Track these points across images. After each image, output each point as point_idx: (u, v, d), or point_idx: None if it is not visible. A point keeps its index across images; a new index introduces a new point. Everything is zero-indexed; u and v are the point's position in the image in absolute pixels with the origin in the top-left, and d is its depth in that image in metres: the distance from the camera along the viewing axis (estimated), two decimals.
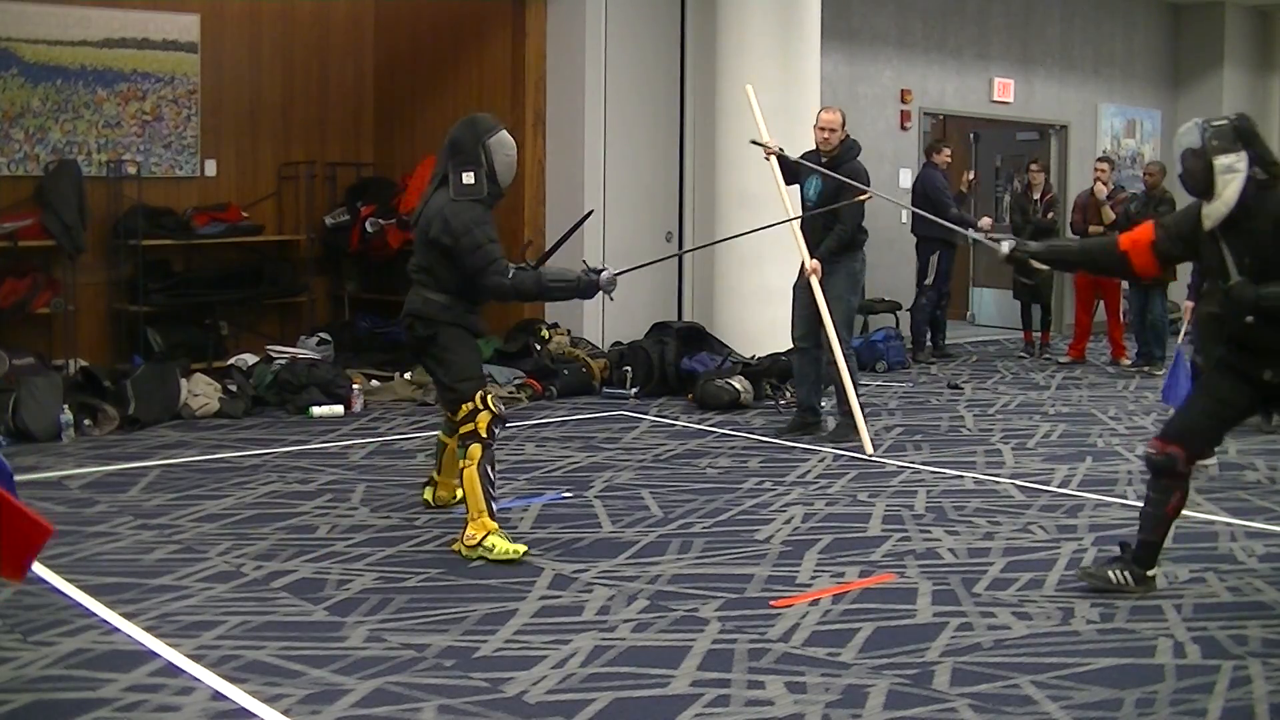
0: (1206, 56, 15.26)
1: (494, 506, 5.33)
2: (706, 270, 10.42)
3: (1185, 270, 8.92)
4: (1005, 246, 5.14)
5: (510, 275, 5.39)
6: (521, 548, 5.24)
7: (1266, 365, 4.65)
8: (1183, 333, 7.61)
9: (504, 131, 5.63)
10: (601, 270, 5.62)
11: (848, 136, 8.05)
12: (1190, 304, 7.22)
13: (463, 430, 5.40)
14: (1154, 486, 4.82)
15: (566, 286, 5.62)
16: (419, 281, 5.51)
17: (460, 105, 10.95)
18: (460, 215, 5.35)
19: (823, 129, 7.99)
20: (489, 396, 5.43)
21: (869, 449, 7.46)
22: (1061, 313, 14.14)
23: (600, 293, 5.63)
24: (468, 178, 5.43)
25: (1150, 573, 4.84)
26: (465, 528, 5.29)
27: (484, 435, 5.34)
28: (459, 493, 5.72)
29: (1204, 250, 4.76)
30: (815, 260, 7.77)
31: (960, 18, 13.23)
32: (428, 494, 6.10)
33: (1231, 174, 4.53)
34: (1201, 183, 4.62)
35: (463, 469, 5.37)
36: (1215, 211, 4.62)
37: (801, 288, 7.92)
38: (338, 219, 10.80)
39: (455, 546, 5.33)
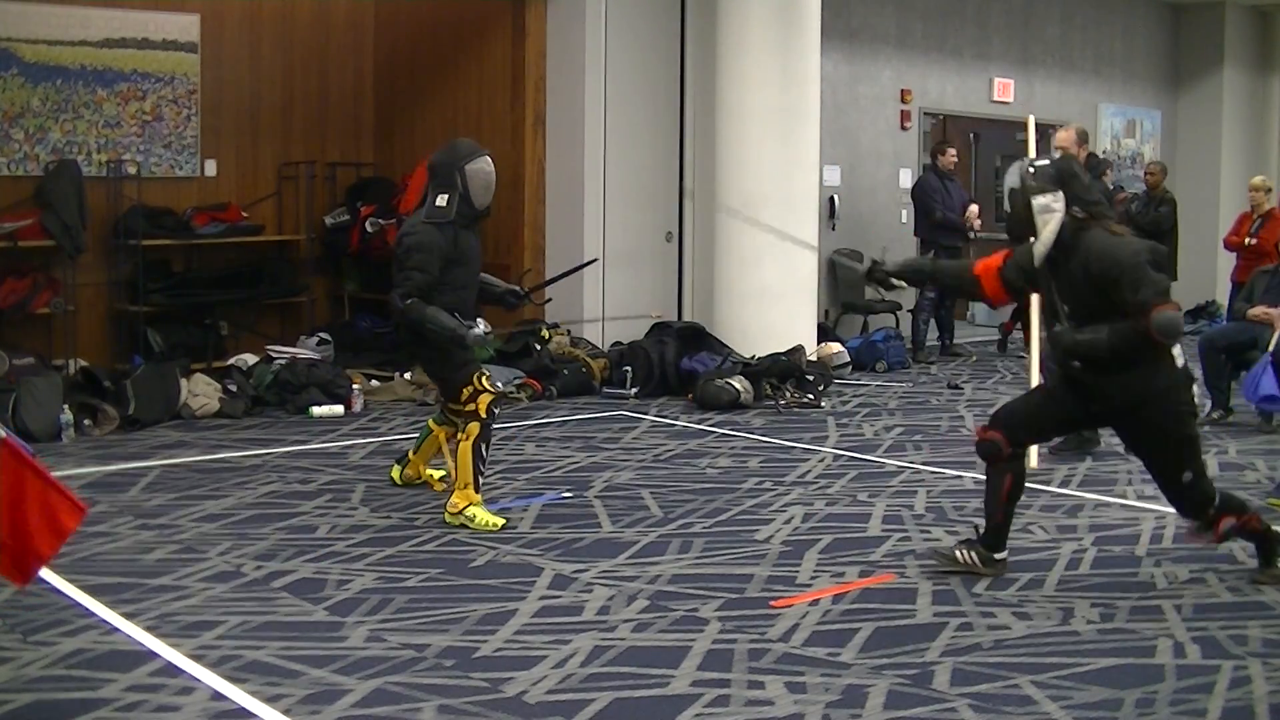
0: (1206, 56, 15.26)
1: (481, 481, 5.73)
2: (706, 270, 10.42)
3: (1201, 268, 8.92)
4: (863, 265, 5.51)
5: (407, 302, 5.65)
6: (501, 520, 5.67)
7: (1094, 400, 4.87)
8: (1275, 339, 7.71)
9: (484, 158, 5.88)
10: (472, 327, 5.74)
11: (1090, 154, 7.86)
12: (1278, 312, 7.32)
13: (465, 409, 5.77)
14: (987, 471, 5.04)
15: (441, 331, 5.67)
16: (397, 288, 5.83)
17: (460, 105, 10.97)
18: (415, 235, 5.73)
19: (1055, 149, 8.02)
20: (485, 378, 5.81)
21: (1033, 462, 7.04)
22: None
23: (470, 345, 5.79)
24: (440, 200, 5.77)
25: (998, 555, 5.03)
26: (451, 495, 5.74)
27: (483, 415, 5.72)
28: (425, 473, 6.31)
29: (1041, 286, 4.96)
30: None
31: (960, 18, 13.23)
32: (395, 472, 6.44)
33: (1049, 214, 4.67)
34: (1023, 222, 4.77)
35: (458, 442, 5.76)
36: (1037, 251, 4.78)
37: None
38: (338, 219, 10.79)
39: (443, 515, 5.76)
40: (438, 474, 6.41)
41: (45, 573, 4.80)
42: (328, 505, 6.12)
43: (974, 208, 11.89)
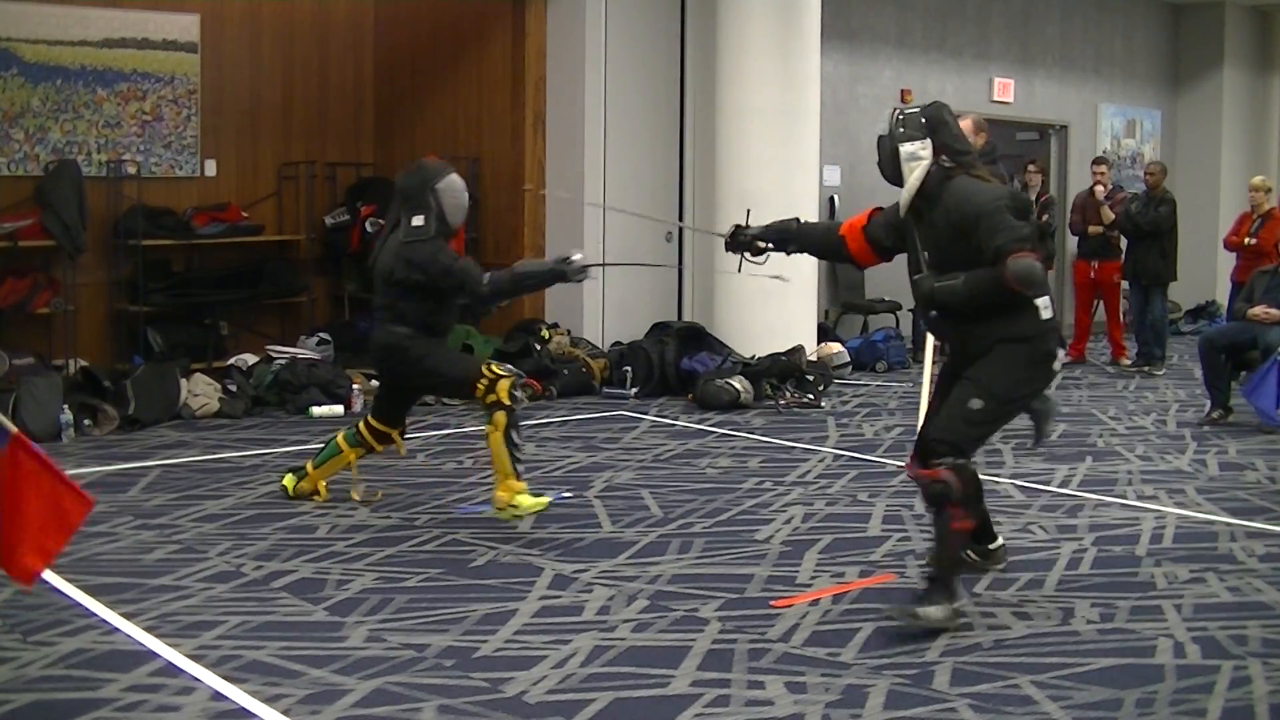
0: (1206, 56, 15.26)
1: (519, 468, 5.63)
2: (707, 270, 10.42)
3: (1201, 267, 8.90)
4: (727, 230, 5.32)
5: (486, 281, 5.65)
6: (545, 500, 5.67)
7: (965, 363, 4.62)
8: None
9: (453, 175, 5.86)
10: (570, 258, 5.72)
11: (988, 142, 7.88)
12: None
13: (487, 400, 5.65)
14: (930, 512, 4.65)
15: (539, 273, 5.82)
16: (382, 320, 5.81)
17: (460, 105, 10.98)
18: (419, 251, 5.66)
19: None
20: (494, 364, 5.74)
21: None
22: (1062, 313, 14.15)
23: (572, 279, 5.74)
24: (417, 220, 5.71)
25: (992, 545, 4.99)
26: (495, 490, 5.65)
27: (507, 401, 5.61)
28: (321, 486, 6.16)
29: (906, 239, 4.74)
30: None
31: (960, 18, 13.22)
32: (288, 481, 6.23)
33: (915, 161, 4.53)
34: (890, 169, 4.64)
35: (488, 434, 5.66)
36: (902, 200, 4.65)
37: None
38: (338, 219, 10.79)
39: (490, 513, 5.75)
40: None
41: (46, 573, 4.80)
42: (328, 505, 6.11)
43: None
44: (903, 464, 7.20)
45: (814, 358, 9.99)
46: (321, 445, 6.41)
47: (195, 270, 10.22)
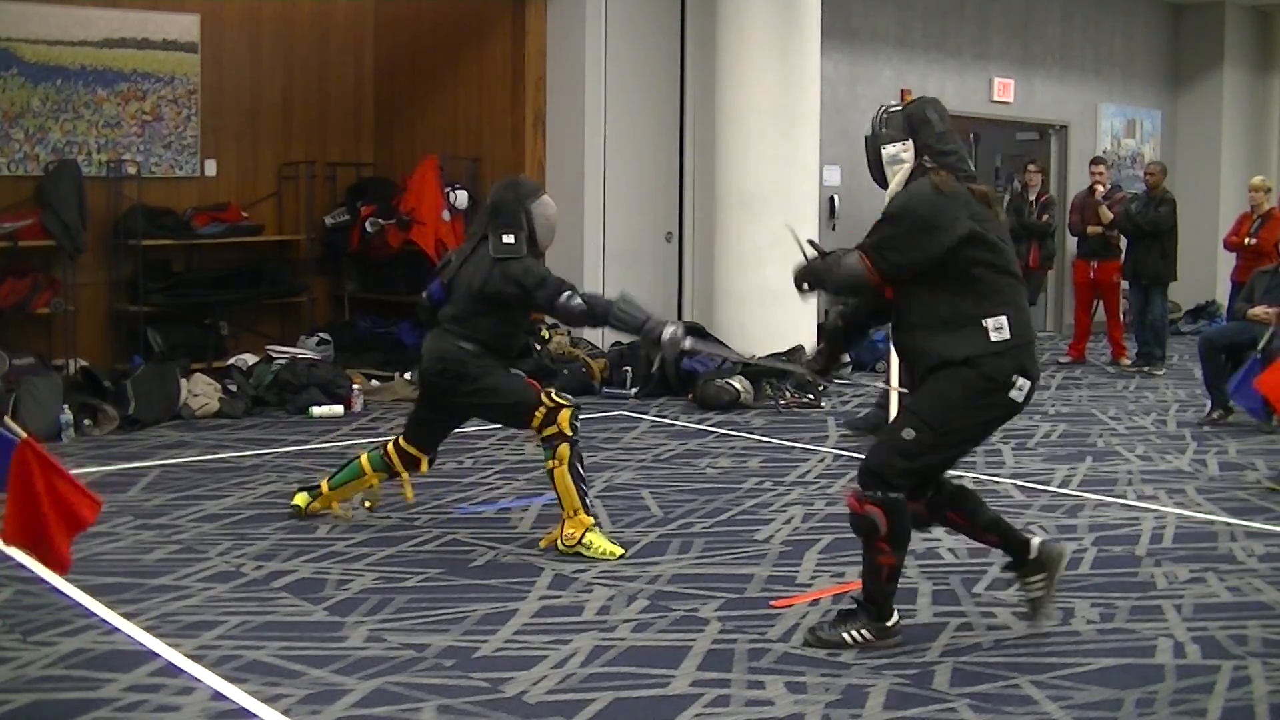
0: (1206, 56, 15.26)
1: (589, 503, 5.38)
2: (706, 270, 10.42)
3: (1201, 267, 8.87)
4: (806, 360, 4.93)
5: (584, 296, 5.38)
6: (619, 550, 5.30)
7: (915, 385, 4.31)
8: (1267, 337, 7.68)
9: (546, 196, 5.60)
10: (669, 325, 5.29)
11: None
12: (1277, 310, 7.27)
13: (546, 433, 5.37)
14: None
15: (631, 321, 5.35)
16: (449, 330, 5.46)
17: (460, 105, 10.97)
18: (515, 266, 5.36)
19: None
20: (554, 393, 5.44)
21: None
22: (1061, 313, 14.16)
23: (657, 347, 5.31)
24: (508, 239, 5.42)
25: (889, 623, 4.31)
26: (562, 526, 5.33)
27: (569, 432, 5.33)
28: (336, 507, 5.85)
29: None
30: None
31: (960, 18, 13.23)
32: (300, 499, 5.91)
33: (898, 164, 4.28)
34: (875, 172, 4.39)
35: (552, 470, 5.35)
36: (886, 205, 4.36)
37: None
38: (338, 219, 10.79)
39: (545, 543, 5.38)
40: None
41: (46, 573, 4.81)
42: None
43: None
44: None
45: None
46: (327, 450, 6.39)
47: (195, 270, 10.22)
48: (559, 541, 5.33)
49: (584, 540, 5.28)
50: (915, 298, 4.22)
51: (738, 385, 9.05)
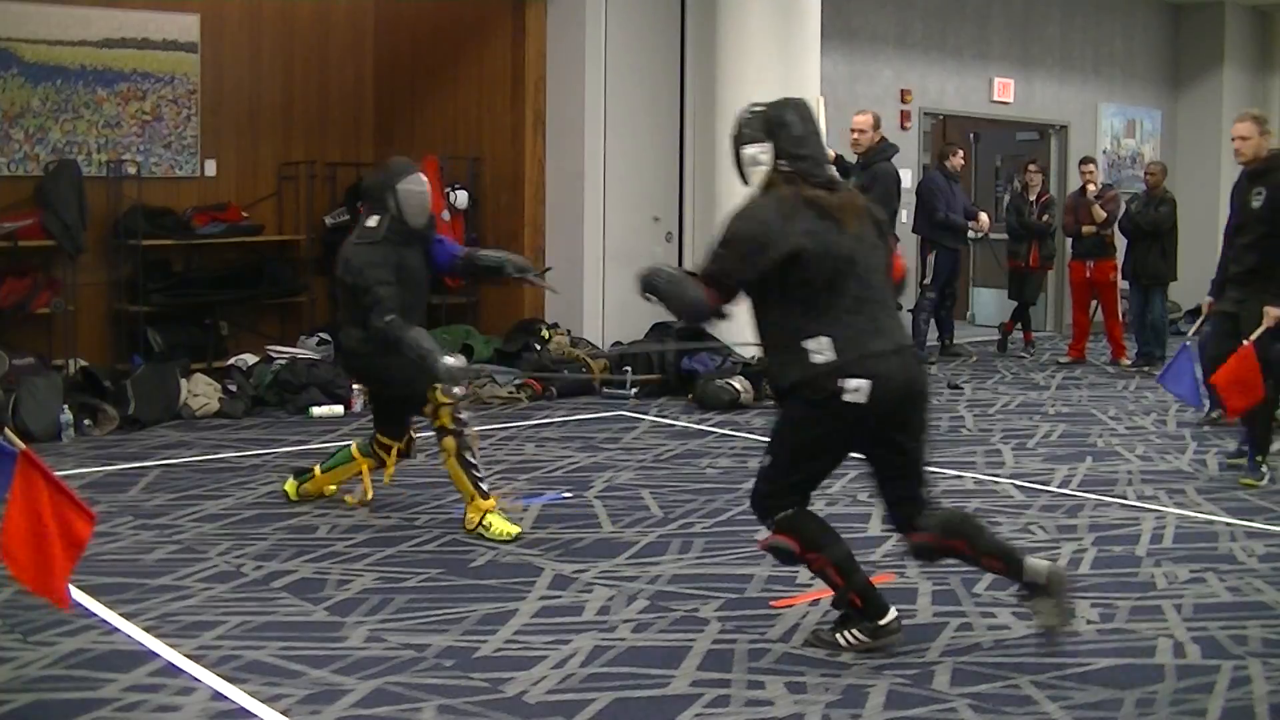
0: (1206, 56, 15.26)
1: (484, 487, 5.61)
2: None
3: (1201, 267, 8.89)
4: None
5: (388, 319, 5.47)
6: (516, 529, 5.56)
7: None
8: (1196, 326, 7.65)
9: (414, 176, 5.76)
10: (452, 357, 5.47)
11: (883, 138, 8.19)
12: (1210, 300, 7.25)
13: (435, 425, 5.65)
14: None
15: (420, 353, 5.43)
16: (340, 319, 5.84)
17: (460, 105, 10.98)
18: (358, 256, 5.62)
19: (851, 130, 8.19)
20: (439, 392, 5.61)
21: None
22: (1061, 313, 14.16)
23: (445, 378, 5.44)
24: (370, 222, 5.70)
25: (884, 620, 4.26)
26: (465, 512, 5.65)
27: (451, 426, 5.59)
28: (328, 489, 6.17)
29: None
30: None
31: (960, 18, 13.23)
32: (290, 486, 6.16)
33: (756, 166, 4.23)
34: (738, 171, 4.32)
35: (444, 460, 5.67)
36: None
37: None
38: (338, 219, 10.78)
39: (462, 526, 5.67)
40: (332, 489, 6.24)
41: None
42: (328, 505, 6.12)
43: (984, 217, 11.93)
44: None
45: None
46: (328, 450, 6.40)
47: (195, 270, 10.22)
48: (464, 525, 5.64)
49: (483, 523, 5.54)
50: (754, 317, 4.26)
51: (738, 385, 9.06)
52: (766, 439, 4.44)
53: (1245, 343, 6.54)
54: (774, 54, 9.89)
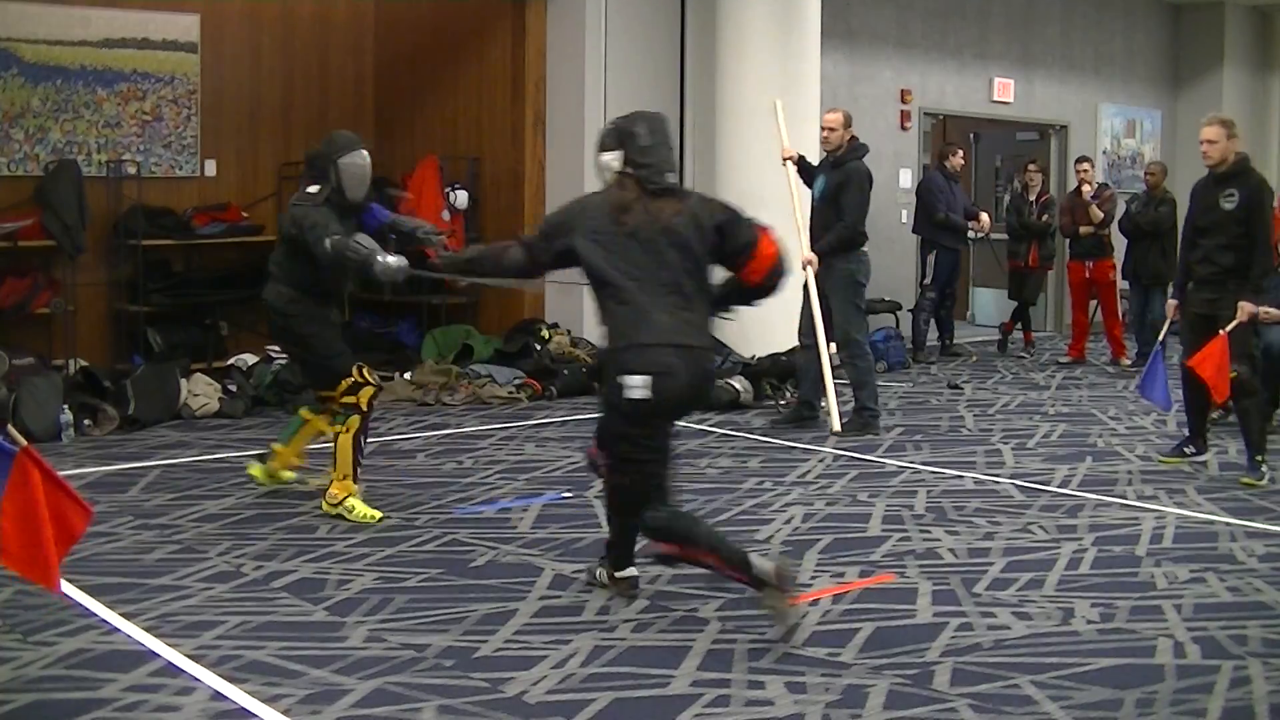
0: (1206, 56, 15.26)
1: (359, 472, 5.85)
2: None
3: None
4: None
5: (329, 240, 5.63)
6: (378, 514, 5.77)
7: None
8: (1165, 330, 7.69)
9: (357, 152, 5.93)
10: (387, 257, 5.60)
11: (854, 138, 8.21)
12: (1174, 303, 7.35)
13: (344, 400, 5.84)
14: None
15: (357, 257, 5.62)
16: (272, 274, 5.96)
17: (460, 105, 10.98)
18: (298, 210, 5.84)
19: (822, 128, 8.25)
20: (366, 369, 5.85)
21: (835, 425, 7.99)
22: (1061, 313, 14.16)
23: (383, 275, 5.61)
24: (311, 189, 5.89)
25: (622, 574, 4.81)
26: (330, 486, 5.84)
27: (364, 409, 5.83)
28: (286, 475, 6.34)
29: None
30: (812, 253, 8.08)
31: (960, 18, 13.23)
32: (255, 469, 6.35)
33: (608, 170, 4.69)
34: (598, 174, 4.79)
35: (337, 434, 5.85)
36: None
37: (805, 286, 8.10)
38: None
39: (320, 504, 5.85)
40: (289, 475, 6.43)
41: None
42: None
43: (985, 218, 11.95)
44: (902, 464, 7.21)
45: None
46: (326, 448, 6.41)
47: (195, 270, 10.22)
48: (324, 500, 5.83)
49: (345, 503, 5.77)
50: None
51: (738, 385, 9.05)
52: (765, 439, 4.47)
53: (1221, 333, 6.64)
54: (774, 54, 9.89)
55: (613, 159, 4.65)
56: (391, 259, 5.60)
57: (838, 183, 8.09)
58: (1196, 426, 7.24)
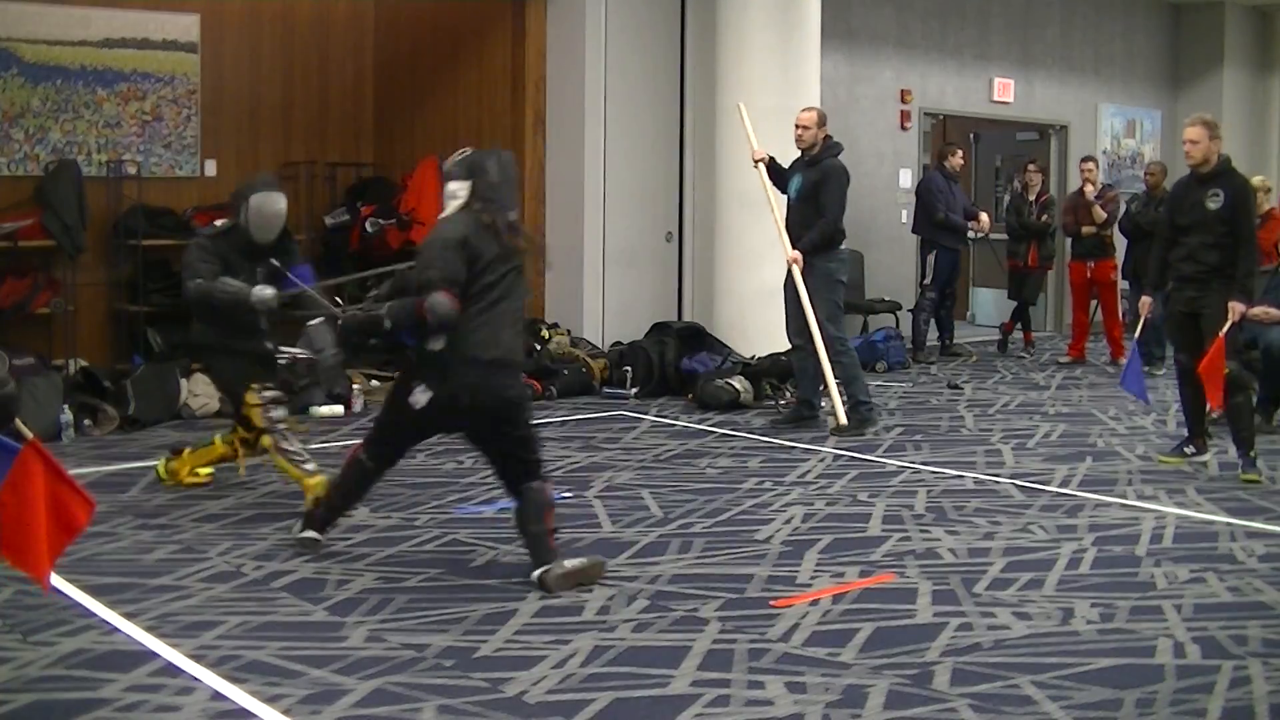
0: (1206, 56, 15.26)
1: (309, 468, 5.89)
2: (706, 270, 10.42)
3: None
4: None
5: (193, 284, 5.96)
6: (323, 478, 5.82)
7: None
8: (1140, 326, 7.72)
9: (271, 194, 6.11)
10: (267, 289, 5.98)
11: (828, 136, 8.19)
12: (1148, 299, 7.44)
13: (251, 431, 6.11)
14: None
15: (227, 295, 5.94)
16: (194, 313, 6.22)
17: (460, 105, 10.97)
18: (189, 253, 6.10)
19: (796, 127, 8.24)
20: (250, 394, 6.03)
21: (842, 420, 8.03)
22: (1061, 313, 14.16)
23: (260, 306, 5.96)
24: (219, 223, 6.21)
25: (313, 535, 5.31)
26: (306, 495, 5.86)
27: (262, 425, 6.00)
28: (185, 478, 6.48)
29: None
30: (796, 251, 8.12)
31: (960, 18, 13.23)
32: (161, 467, 6.54)
33: (454, 199, 4.99)
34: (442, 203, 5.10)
35: (272, 456, 6.04)
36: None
37: (790, 286, 8.11)
38: (338, 219, 10.79)
39: (305, 506, 5.74)
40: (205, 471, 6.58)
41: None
42: None
43: (984, 217, 11.95)
44: (902, 464, 7.21)
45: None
46: (328, 450, 6.41)
47: None
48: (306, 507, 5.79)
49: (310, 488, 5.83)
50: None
51: (738, 385, 9.05)
52: (765, 439, 4.51)
53: (1219, 335, 6.67)
54: (774, 54, 9.89)
55: (460, 188, 4.99)
56: (268, 290, 5.94)
57: (814, 181, 8.10)
58: (1196, 427, 7.25)
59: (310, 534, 5.28)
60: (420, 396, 4.84)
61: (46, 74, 9.55)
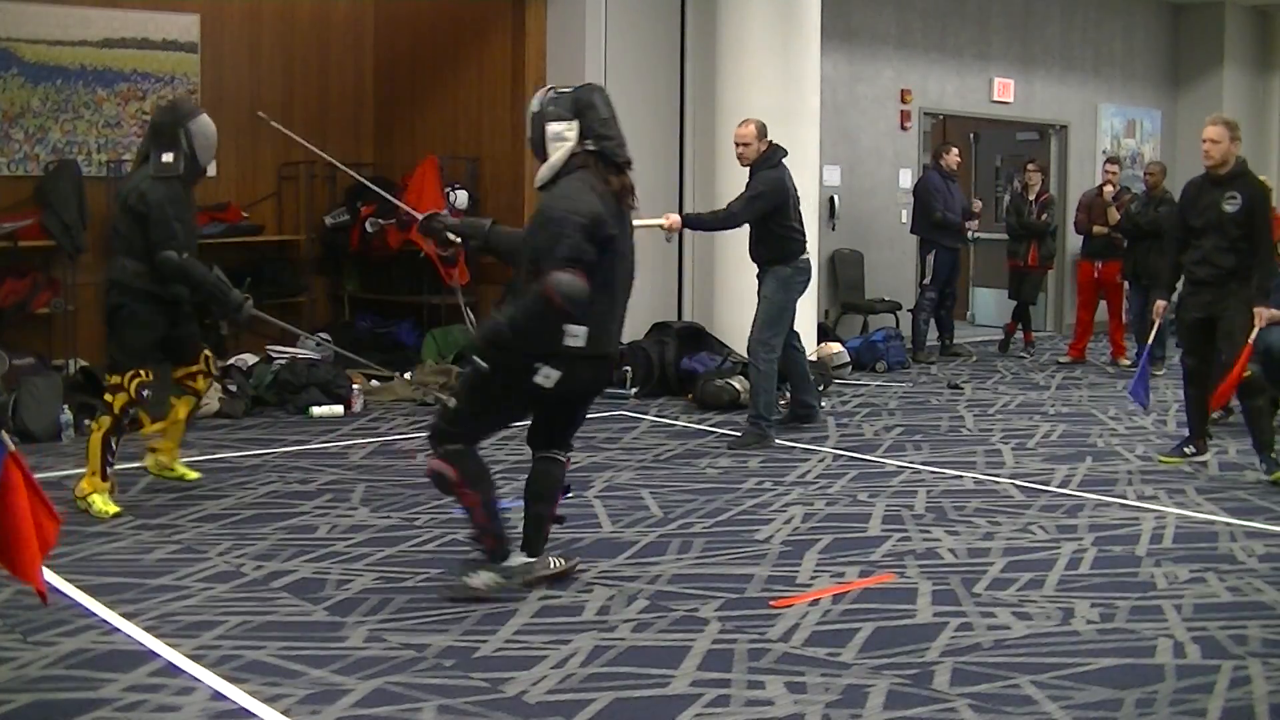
0: (1206, 56, 15.26)
1: (109, 470, 5.87)
2: (707, 270, 10.42)
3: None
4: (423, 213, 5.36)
5: (184, 256, 5.81)
6: (116, 509, 5.79)
7: None
8: (1154, 330, 7.72)
9: (204, 116, 5.99)
10: (246, 299, 6.02)
11: (770, 145, 7.85)
12: (1163, 303, 7.41)
13: (104, 396, 5.99)
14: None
15: (217, 291, 5.93)
16: (117, 248, 5.95)
17: (460, 105, 10.97)
18: (156, 190, 5.81)
19: (736, 144, 7.90)
20: (136, 383, 5.91)
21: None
22: (1062, 312, 14.16)
23: (241, 319, 6.08)
24: (167, 157, 5.87)
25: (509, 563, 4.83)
26: (82, 480, 5.90)
27: (116, 412, 5.90)
28: (177, 466, 6.46)
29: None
30: (675, 216, 8.03)
31: (960, 18, 13.23)
32: (150, 461, 6.48)
33: (561, 142, 4.60)
34: (538, 146, 4.69)
35: (90, 429, 5.97)
36: (540, 175, 4.71)
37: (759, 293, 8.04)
38: (338, 219, 10.79)
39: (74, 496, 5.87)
40: (192, 474, 6.54)
41: (46, 573, 4.80)
42: (328, 505, 6.12)
43: (977, 204, 11.97)
44: (902, 464, 7.21)
45: (814, 358, 9.98)
46: (326, 450, 6.40)
47: None
48: (74, 490, 5.88)
49: (90, 498, 5.82)
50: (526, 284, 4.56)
51: (738, 385, 9.05)
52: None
53: (1249, 343, 6.67)
54: (774, 54, 9.88)
55: (566, 129, 4.60)
56: (248, 305, 5.97)
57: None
58: (1197, 427, 7.25)
59: (499, 568, 4.74)
60: (551, 374, 4.53)
61: (46, 74, 9.56)
